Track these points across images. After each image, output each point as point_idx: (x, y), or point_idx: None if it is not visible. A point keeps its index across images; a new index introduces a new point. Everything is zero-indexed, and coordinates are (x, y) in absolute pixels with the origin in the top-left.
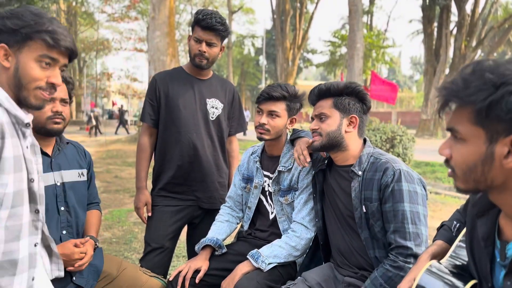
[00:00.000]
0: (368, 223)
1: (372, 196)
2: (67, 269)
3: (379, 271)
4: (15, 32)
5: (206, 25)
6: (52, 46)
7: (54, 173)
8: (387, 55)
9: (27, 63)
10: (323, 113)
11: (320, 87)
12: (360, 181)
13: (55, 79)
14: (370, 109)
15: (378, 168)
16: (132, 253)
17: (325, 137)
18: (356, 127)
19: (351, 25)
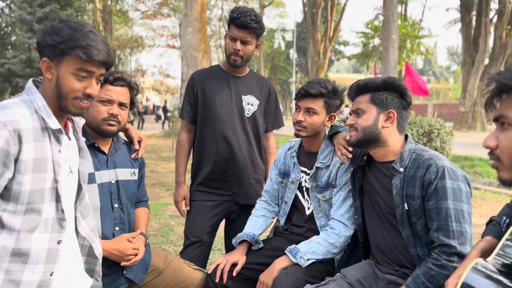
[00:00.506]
0: (410, 221)
1: (414, 193)
2: (121, 264)
3: (421, 269)
4: (54, 48)
5: (240, 24)
6: (86, 60)
7: (109, 171)
8: (422, 46)
9: (65, 75)
10: (359, 108)
11: (358, 82)
12: (402, 178)
13: (91, 90)
14: (411, 104)
15: (420, 164)
16: (169, 245)
17: (361, 132)
18: (394, 123)
19: (385, 16)
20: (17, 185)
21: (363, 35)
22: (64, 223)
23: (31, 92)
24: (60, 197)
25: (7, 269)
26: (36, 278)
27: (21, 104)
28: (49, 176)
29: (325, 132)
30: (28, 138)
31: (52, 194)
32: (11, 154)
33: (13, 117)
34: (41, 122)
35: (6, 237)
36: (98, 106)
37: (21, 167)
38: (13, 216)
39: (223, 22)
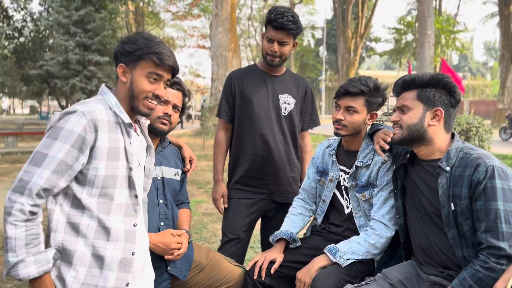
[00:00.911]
0: (456, 221)
1: (461, 193)
2: (165, 257)
3: (468, 271)
4: (130, 54)
5: (277, 25)
6: (158, 64)
7: (156, 167)
8: (457, 41)
9: (138, 78)
10: (405, 105)
11: (405, 78)
12: (448, 177)
13: (159, 91)
14: (460, 102)
15: (468, 163)
16: (203, 242)
17: (406, 130)
18: (442, 121)
19: (420, 11)
20: (93, 170)
21: (395, 31)
22: (137, 208)
23: (104, 92)
24: (134, 184)
25: (93, 244)
26: (117, 255)
27: (97, 102)
28: (122, 164)
29: (366, 131)
30: (103, 127)
31: (125, 181)
32: (87, 141)
33: (91, 109)
34: (114, 117)
35: (88, 217)
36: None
37: (97, 153)
38: (90, 198)
39: (253, 21)
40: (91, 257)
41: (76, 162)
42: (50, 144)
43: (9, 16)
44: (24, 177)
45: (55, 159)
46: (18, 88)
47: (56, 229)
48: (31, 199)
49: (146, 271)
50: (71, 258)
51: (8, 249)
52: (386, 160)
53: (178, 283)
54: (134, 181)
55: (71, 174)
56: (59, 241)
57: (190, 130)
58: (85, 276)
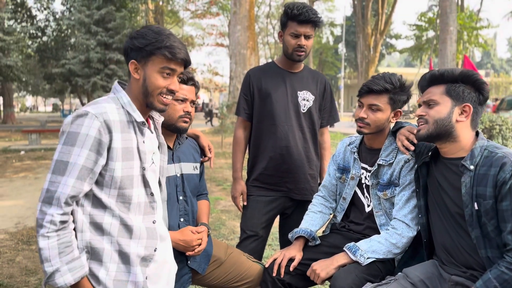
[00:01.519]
0: (480, 221)
1: (486, 193)
2: (186, 254)
3: (493, 273)
4: (141, 50)
5: (304, 19)
6: (170, 59)
7: (175, 164)
8: (480, 37)
9: (152, 74)
10: (432, 100)
11: (433, 72)
12: (472, 176)
13: (174, 86)
14: (488, 100)
15: (493, 163)
16: (221, 239)
17: (433, 125)
18: (469, 117)
19: (443, 7)
20: (110, 171)
21: (416, 27)
22: (154, 205)
23: (117, 90)
24: (148, 183)
25: (118, 242)
26: (141, 252)
27: (109, 101)
28: (136, 164)
29: (390, 128)
30: (116, 128)
31: (140, 180)
32: (104, 143)
33: (103, 110)
34: (126, 116)
35: (110, 215)
36: (175, 105)
37: (113, 155)
38: (109, 199)
39: (271, 19)
40: (118, 254)
41: (96, 165)
42: (69, 151)
43: (32, 15)
44: (51, 188)
45: (76, 166)
46: (41, 86)
47: (82, 229)
48: (60, 209)
49: (169, 263)
50: (101, 256)
51: (43, 259)
52: (410, 159)
53: (198, 277)
54: (148, 180)
55: (92, 177)
56: (87, 241)
57: (209, 128)
58: (116, 273)
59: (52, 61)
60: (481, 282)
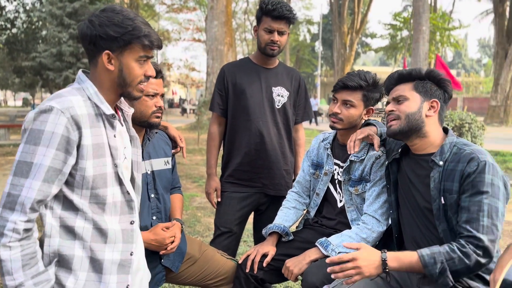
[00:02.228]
0: (446, 215)
1: (452, 187)
2: (160, 253)
3: (443, 248)
4: (117, 39)
5: (278, 15)
6: (149, 47)
7: (145, 162)
8: (452, 38)
9: (129, 63)
10: (401, 95)
11: (401, 71)
12: (441, 172)
13: (150, 71)
14: (451, 98)
15: (462, 159)
16: (196, 236)
17: (404, 120)
18: (437, 112)
19: (416, 7)
20: (81, 171)
21: (391, 27)
22: (132, 204)
23: (82, 80)
24: (122, 180)
25: (91, 248)
26: (116, 257)
27: (74, 92)
28: (108, 161)
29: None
30: (85, 123)
31: (114, 178)
32: (72, 141)
33: (69, 104)
34: (94, 109)
35: (83, 218)
36: (147, 101)
37: (83, 153)
38: (81, 200)
39: (248, 15)
40: (89, 261)
41: (65, 165)
42: (33, 151)
43: (1, 6)
44: (13, 191)
45: (42, 167)
46: (10, 80)
47: (50, 234)
48: (24, 215)
49: (142, 270)
50: (70, 264)
51: (4, 272)
52: (380, 155)
53: (172, 275)
54: (123, 177)
55: (61, 178)
56: (55, 247)
57: (185, 124)
58: (86, 282)
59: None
60: (428, 252)
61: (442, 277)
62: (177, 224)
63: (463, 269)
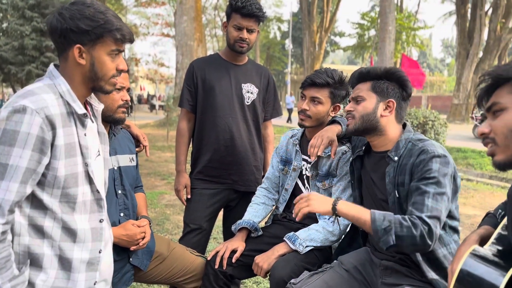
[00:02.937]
0: (401, 208)
1: (404, 180)
2: (131, 248)
3: (397, 215)
4: (88, 32)
5: (247, 13)
6: (122, 41)
7: (111, 157)
8: (417, 38)
9: (101, 57)
10: (359, 96)
11: (361, 70)
12: (395, 167)
13: (122, 65)
14: (411, 95)
15: (413, 153)
16: (165, 234)
17: (359, 120)
18: (393, 112)
19: (382, 7)
20: (53, 170)
21: (358, 26)
22: (102, 203)
23: (54, 76)
24: (92, 179)
25: (60, 247)
26: (85, 256)
27: (46, 89)
28: (79, 160)
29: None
30: (58, 123)
31: (85, 177)
32: (47, 141)
33: (43, 104)
34: (66, 107)
35: (52, 218)
36: (113, 95)
37: (56, 153)
38: (51, 199)
39: (219, 11)
40: (58, 260)
41: (39, 165)
42: (8, 152)
43: None
44: None
45: (19, 169)
46: None
47: (20, 232)
48: (3, 217)
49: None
50: (41, 262)
51: None
52: (346, 151)
53: (140, 274)
54: (93, 176)
55: (35, 178)
56: (25, 245)
57: (154, 121)
58: (55, 279)
59: None
60: (381, 212)
61: (386, 235)
62: (145, 220)
63: (408, 238)
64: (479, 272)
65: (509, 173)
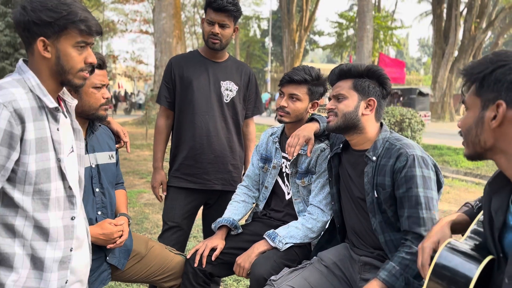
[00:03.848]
0: (380, 208)
1: (385, 182)
2: (108, 247)
3: (395, 260)
4: (51, 24)
5: (217, 7)
6: (87, 32)
7: (89, 155)
8: (395, 37)
9: (66, 50)
10: (341, 94)
11: (342, 67)
12: (374, 167)
13: (92, 58)
14: (390, 93)
15: (392, 154)
16: (144, 233)
17: (341, 118)
18: (374, 111)
19: (360, 6)
20: (23, 166)
21: (337, 25)
22: (74, 200)
23: (22, 70)
24: (65, 175)
25: (32, 246)
26: (58, 255)
27: (15, 84)
28: (51, 155)
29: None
30: (28, 117)
31: (57, 173)
32: (16, 135)
33: (11, 97)
34: (37, 101)
35: (23, 217)
36: (95, 93)
37: (26, 147)
38: (23, 196)
39: (198, 8)
40: (30, 259)
41: (8, 160)
42: None
43: None
44: None
45: None
46: None
47: None
48: None
49: (87, 266)
50: (11, 262)
51: None
52: (325, 148)
53: (118, 273)
54: (66, 172)
55: (5, 174)
56: None
57: (132, 119)
58: (27, 279)
59: None
60: (386, 273)
61: (410, 286)
62: (124, 219)
63: None
64: (453, 264)
65: (483, 170)
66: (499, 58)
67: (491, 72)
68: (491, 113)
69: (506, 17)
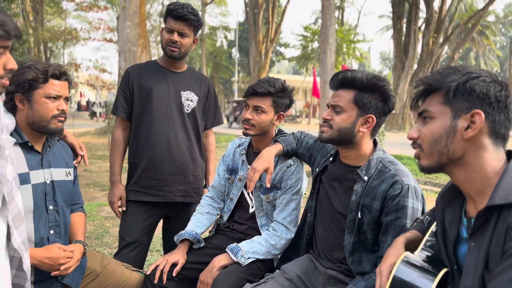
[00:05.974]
0: (360, 229)
1: (373, 205)
2: (52, 274)
3: (368, 282)
4: None
5: (177, 15)
6: (6, 37)
7: (44, 170)
8: (357, 50)
9: None
10: (340, 106)
11: (346, 75)
12: (364, 187)
13: (12, 64)
14: (392, 111)
15: (385, 179)
16: (104, 247)
17: (336, 132)
18: (371, 128)
19: (324, 20)
20: None
21: (302, 38)
22: None
23: None
24: None
25: None
26: None
27: None
28: None
29: (274, 132)
30: None
31: None
32: None
33: None
34: None
35: None
36: (47, 103)
37: None
38: None
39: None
40: None
41: None
42: None
43: None
44: None
45: None
46: None
47: None
48: None
49: None
50: None
51: None
52: (292, 164)
53: None
54: None
55: None
56: None
57: (94, 129)
58: None
59: None
60: None
61: None
62: (78, 246)
63: None
64: (410, 278)
65: (441, 179)
66: (469, 70)
67: (464, 82)
68: (464, 123)
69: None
